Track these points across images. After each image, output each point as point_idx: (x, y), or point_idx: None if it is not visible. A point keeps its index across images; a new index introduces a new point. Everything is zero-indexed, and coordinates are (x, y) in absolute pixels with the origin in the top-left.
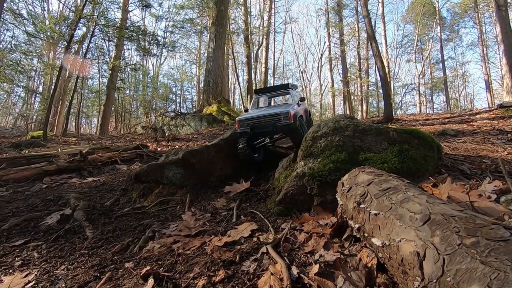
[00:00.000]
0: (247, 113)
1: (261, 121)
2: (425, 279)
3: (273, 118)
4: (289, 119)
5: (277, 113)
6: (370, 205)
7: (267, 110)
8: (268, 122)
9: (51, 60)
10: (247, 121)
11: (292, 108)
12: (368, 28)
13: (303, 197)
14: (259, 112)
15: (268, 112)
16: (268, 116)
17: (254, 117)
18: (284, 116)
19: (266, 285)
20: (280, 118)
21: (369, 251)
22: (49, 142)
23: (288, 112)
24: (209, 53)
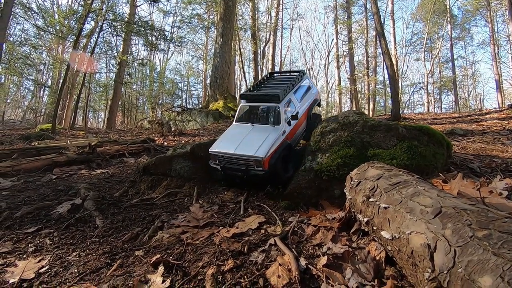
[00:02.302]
0: (220, 141)
1: (232, 161)
2: (436, 270)
3: (244, 162)
4: (262, 166)
5: (248, 157)
6: (379, 199)
7: (238, 148)
8: (239, 164)
9: (59, 54)
10: (218, 156)
11: (271, 147)
12: (377, 25)
13: (310, 192)
14: (231, 147)
15: (239, 153)
16: (239, 158)
17: (225, 155)
18: (256, 163)
19: (275, 275)
20: (252, 164)
21: (377, 245)
22: (58, 135)
23: (261, 160)
24: (216, 49)
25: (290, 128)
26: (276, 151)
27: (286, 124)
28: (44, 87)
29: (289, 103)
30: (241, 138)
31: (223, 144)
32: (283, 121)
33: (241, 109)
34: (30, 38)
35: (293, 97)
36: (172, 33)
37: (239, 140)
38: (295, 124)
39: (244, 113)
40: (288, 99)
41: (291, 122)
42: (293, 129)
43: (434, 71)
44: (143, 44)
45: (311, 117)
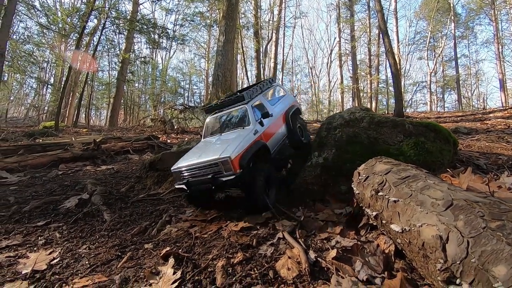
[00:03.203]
0: (183, 158)
1: (196, 172)
2: (448, 261)
3: (209, 170)
4: (232, 169)
5: (212, 162)
6: (388, 192)
7: (202, 156)
8: (205, 174)
9: (62, 52)
10: (180, 173)
11: (239, 145)
12: (381, 23)
13: (317, 187)
14: (193, 158)
15: (202, 160)
16: (203, 166)
17: (188, 168)
18: (224, 166)
19: (284, 268)
20: (219, 170)
21: (386, 238)
22: (61, 132)
23: (228, 160)
24: (219, 47)
25: (263, 128)
26: (247, 150)
27: (258, 124)
28: (46, 85)
29: (259, 106)
30: (206, 148)
31: (186, 159)
32: (253, 121)
33: (207, 125)
34: (33, 36)
35: (264, 100)
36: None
37: (203, 150)
38: (270, 126)
39: (211, 127)
40: (258, 102)
41: (263, 122)
42: (268, 130)
43: (437, 70)
44: (146, 42)
45: (292, 122)
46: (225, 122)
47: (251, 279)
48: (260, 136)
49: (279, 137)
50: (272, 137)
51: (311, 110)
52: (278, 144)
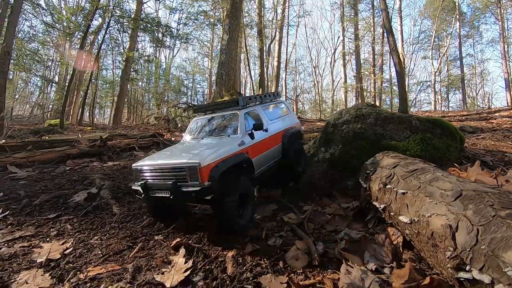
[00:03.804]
0: (150, 157)
1: (157, 175)
2: (458, 249)
3: (173, 175)
4: (199, 179)
5: (178, 165)
6: (397, 185)
7: (169, 158)
8: (166, 178)
9: (67, 50)
10: (140, 172)
11: (216, 153)
12: (385, 22)
13: (323, 182)
14: (159, 159)
15: (167, 162)
16: (167, 168)
17: (150, 168)
18: (190, 173)
19: (293, 258)
20: (184, 177)
21: (394, 230)
22: (66, 130)
23: (196, 166)
24: (223, 46)
25: (252, 142)
26: (224, 161)
27: (247, 135)
28: (51, 83)
29: (254, 115)
30: (180, 150)
31: (152, 158)
32: (242, 130)
33: (192, 125)
34: (38, 35)
35: (261, 112)
36: (178, 30)
37: (175, 152)
38: (262, 141)
39: (195, 128)
40: (253, 111)
41: (254, 135)
42: (259, 146)
43: (441, 69)
44: (150, 40)
45: (288, 144)
46: (212, 125)
47: (261, 268)
48: (246, 149)
49: (269, 157)
50: (260, 154)
51: (314, 110)
52: (267, 165)
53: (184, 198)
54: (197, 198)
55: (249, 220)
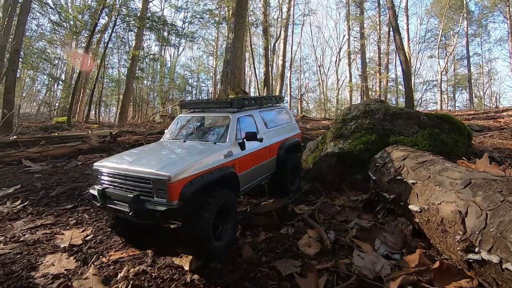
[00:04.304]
0: (117, 157)
1: (119, 182)
2: (467, 232)
3: (137, 185)
4: (167, 196)
5: (144, 175)
6: (407, 176)
7: (135, 163)
8: (127, 189)
9: (74, 49)
10: (101, 174)
11: (194, 164)
12: (392, 20)
13: (332, 177)
14: (125, 162)
15: (132, 168)
16: (130, 176)
17: (111, 172)
18: (157, 187)
19: (306, 245)
20: (149, 190)
21: (403, 219)
22: (73, 127)
23: (165, 181)
24: (228, 44)
25: (242, 154)
26: (202, 176)
27: (238, 145)
28: (58, 81)
29: (248, 122)
30: (153, 153)
31: (118, 158)
32: (232, 138)
33: (175, 124)
34: (45, 33)
35: (257, 117)
36: (183, 28)
37: (146, 155)
38: (254, 153)
39: (177, 128)
40: (248, 116)
41: (245, 145)
42: (249, 158)
43: (448, 68)
44: (155, 39)
45: (284, 157)
46: (198, 127)
47: (276, 254)
48: (233, 162)
49: (260, 172)
50: (250, 169)
51: (319, 109)
52: (257, 181)
53: (146, 218)
54: (163, 219)
55: (229, 241)
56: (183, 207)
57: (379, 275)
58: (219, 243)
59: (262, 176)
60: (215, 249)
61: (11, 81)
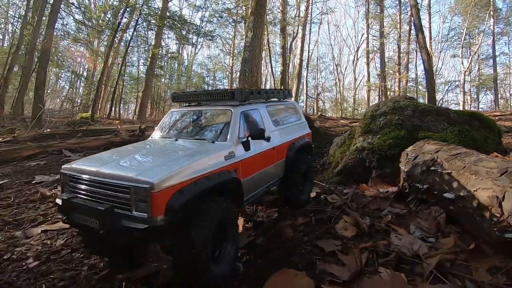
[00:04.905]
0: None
1: (90, 189)
2: (504, 215)
3: (111, 194)
4: (149, 210)
5: (120, 182)
6: (441, 167)
7: (111, 165)
8: (98, 198)
9: (95, 47)
10: (70, 180)
11: (185, 168)
12: (415, 19)
13: (361, 170)
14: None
15: (107, 171)
16: (103, 183)
17: (82, 177)
18: (138, 198)
19: (343, 229)
20: (127, 202)
21: (437, 208)
22: (96, 123)
23: (147, 189)
24: (247, 43)
25: (246, 155)
26: (195, 183)
27: (240, 145)
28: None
29: (252, 118)
30: (132, 154)
31: (91, 160)
32: (233, 136)
33: (167, 119)
34: (70, 32)
35: (263, 113)
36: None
37: (124, 157)
38: (261, 155)
39: (170, 123)
40: (253, 110)
41: (250, 145)
42: (254, 161)
43: (472, 68)
44: (175, 38)
45: (294, 159)
46: (193, 123)
47: (315, 235)
48: (236, 165)
49: (267, 178)
50: (255, 174)
51: (335, 108)
52: (262, 188)
53: (121, 237)
54: (143, 240)
55: (230, 267)
56: (170, 224)
57: (417, 254)
58: (218, 268)
59: (269, 183)
60: (214, 277)
61: (41, 78)
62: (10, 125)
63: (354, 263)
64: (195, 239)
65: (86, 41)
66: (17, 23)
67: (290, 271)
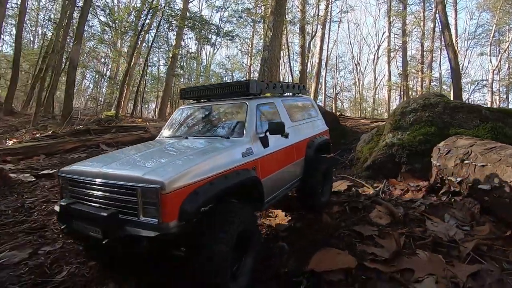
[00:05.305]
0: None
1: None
2: None
3: (115, 197)
4: (159, 215)
5: (126, 182)
6: (475, 160)
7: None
8: (99, 209)
9: (118, 48)
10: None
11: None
12: (441, 16)
13: (390, 165)
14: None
15: (111, 171)
16: (107, 185)
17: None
18: (146, 200)
19: (377, 217)
20: (133, 206)
21: (471, 199)
22: (121, 121)
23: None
24: (266, 42)
25: (265, 152)
26: (211, 183)
27: (258, 141)
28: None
29: (270, 111)
30: (138, 153)
31: (92, 161)
32: (250, 132)
33: (175, 117)
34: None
35: (281, 107)
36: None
37: (130, 156)
38: (280, 152)
39: (179, 121)
40: (269, 104)
41: (268, 141)
42: (274, 159)
43: (501, 67)
44: (195, 38)
45: (313, 158)
46: (204, 119)
47: (351, 222)
48: (255, 163)
49: (287, 178)
50: (275, 173)
51: (354, 108)
52: (283, 190)
53: (127, 247)
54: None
55: (248, 281)
56: (184, 232)
57: (454, 239)
58: (236, 286)
59: (289, 184)
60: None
61: (71, 78)
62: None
63: (393, 245)
64: (212, 256)
65: (110, 42)
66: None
67: (333, 250)
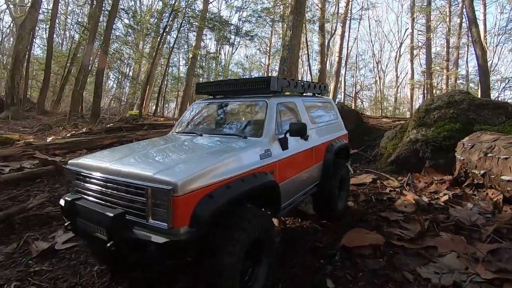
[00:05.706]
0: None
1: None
2: None
3: (123, 197)
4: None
5: (135, 181)
6: (499, 153)
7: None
8: (109, 205)
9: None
10: (77, 178)
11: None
12: (468, 11)
13: (414, 160)
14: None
15: (120, 169)
16: (116, 182)
17: (92, 174)
18: (156, 202)
19: (402, 205)
20: (142, 206)
21: (494, 191)
22: (144, 119)
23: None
24: (286, 42)
25: (284, 155)
26: (229, 186)
27: (277, 142)
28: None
29: (291, 110)
30: (150, 150)
31: (101, 155)
32: (269, 132)
33: (190, 112)
34: (120, 36)
35: (301, 108)
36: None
37: (141, 151)
38: (299, 155)
39: (193, 117)
40: (290, 103)
41: (287, 143)
42: (293, 162)
43: None
44: (216, 38)
45: (332, 163)
46: (220, 117)
47: (378, 209)
48: (273, 166)
49: (305, 183)
50: (294, 177)
51: (374, 107)
52: (300, 195)
53: (133, 252)
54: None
55: None
56: (197, 238)
57: (475, 224)
58: None
59: (306, 189)
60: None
61: (100, 78)
62: (72, 121)
63: (417, 227)
64: (225, 264)
65: (133, 43)
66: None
67: (362, 230)
